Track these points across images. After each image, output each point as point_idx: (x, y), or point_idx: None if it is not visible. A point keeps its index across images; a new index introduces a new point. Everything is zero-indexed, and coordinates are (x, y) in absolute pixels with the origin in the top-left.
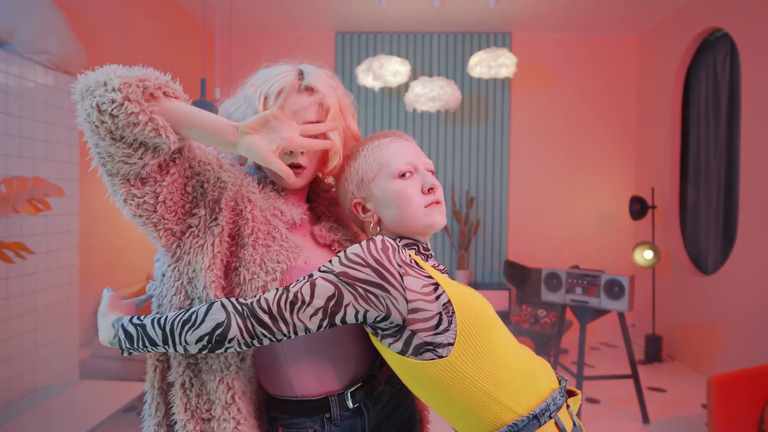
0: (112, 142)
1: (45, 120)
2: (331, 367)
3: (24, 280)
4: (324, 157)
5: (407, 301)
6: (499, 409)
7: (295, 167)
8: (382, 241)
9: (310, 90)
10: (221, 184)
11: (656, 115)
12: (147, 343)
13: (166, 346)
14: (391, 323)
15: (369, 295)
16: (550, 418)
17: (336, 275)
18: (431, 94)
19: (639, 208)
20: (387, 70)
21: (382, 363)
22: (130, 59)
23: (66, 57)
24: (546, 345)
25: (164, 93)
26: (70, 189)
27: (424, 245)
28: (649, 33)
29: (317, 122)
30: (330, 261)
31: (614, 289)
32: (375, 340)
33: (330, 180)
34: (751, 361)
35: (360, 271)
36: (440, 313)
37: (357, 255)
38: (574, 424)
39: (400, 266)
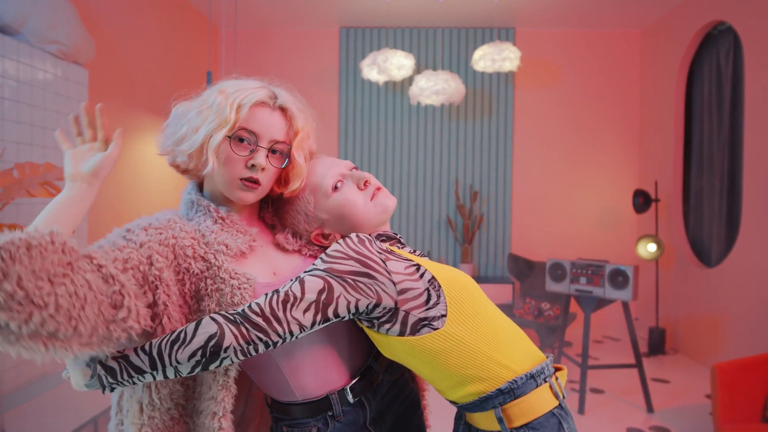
0: (32, 333)
1: (55, 109)
2: (328, 366)
3: None
4: (285, 177)
5: (394, 284)
6: (498, 369)
7: (253, 182)
8: (357, 235)
9: (283, 110)
10: (148, 260)
11: (659, 108)
12: (133, 373)
13: (154, 372)
14: (384, 308)
15: (358, 284)
16: (545, 381)
17: (323, 271)
18: (435, 87)
19: (642, 201)
20: (391, 64)
21: (378, 353)
22: (137, 52)
23: (75, 47)
24: (550, 337)
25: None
26: None
27: (393, 233)
28: (652, 27)
29: (283, 143)
30: (313, 263)
31: (618, 278)
32: (371, 333)
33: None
34: (754, 353)
35: (344, 264)
36: (428, 289)
37: (338, 251)
38: (563, 395)
39: (380, 253)
